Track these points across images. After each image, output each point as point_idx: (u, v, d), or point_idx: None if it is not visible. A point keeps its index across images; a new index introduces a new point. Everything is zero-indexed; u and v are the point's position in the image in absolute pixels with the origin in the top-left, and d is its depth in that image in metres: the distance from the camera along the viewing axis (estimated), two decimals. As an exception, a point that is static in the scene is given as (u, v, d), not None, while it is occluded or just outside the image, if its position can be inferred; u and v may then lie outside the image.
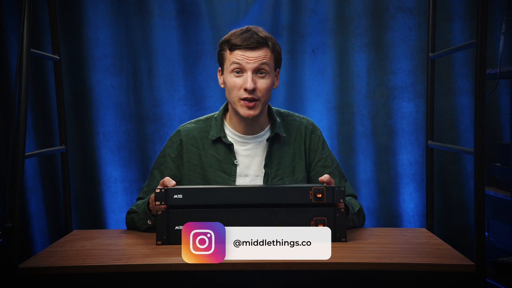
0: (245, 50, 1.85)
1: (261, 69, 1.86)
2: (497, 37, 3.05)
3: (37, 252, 3.03)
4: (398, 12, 3.10)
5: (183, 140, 1.97)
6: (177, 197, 1.62)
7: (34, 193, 3.14)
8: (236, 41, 1.86)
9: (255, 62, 1.85)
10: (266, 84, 1.87)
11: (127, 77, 3.12)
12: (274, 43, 1.90)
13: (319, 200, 1.64)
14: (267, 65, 1.87)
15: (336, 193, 1.64)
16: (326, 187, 1.64)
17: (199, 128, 1.98)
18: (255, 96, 1.85)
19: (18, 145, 1.63)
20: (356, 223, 1.87)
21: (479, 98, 1.54)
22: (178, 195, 1.62)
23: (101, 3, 3.09)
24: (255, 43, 1.85)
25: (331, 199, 1.64)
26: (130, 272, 1.46)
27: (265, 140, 1.96)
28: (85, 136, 3.13)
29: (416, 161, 3.12)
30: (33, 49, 1.77)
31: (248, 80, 1.84)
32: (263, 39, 1.87)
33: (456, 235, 3.13)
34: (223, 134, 1.95)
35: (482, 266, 1.48)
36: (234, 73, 1.86)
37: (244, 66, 1.85)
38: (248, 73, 1.85)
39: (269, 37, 1.89)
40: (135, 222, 1.83)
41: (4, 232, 1.54)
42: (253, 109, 1.86)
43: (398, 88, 3.12)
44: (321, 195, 1.63)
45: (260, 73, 1.86)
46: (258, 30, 1.89)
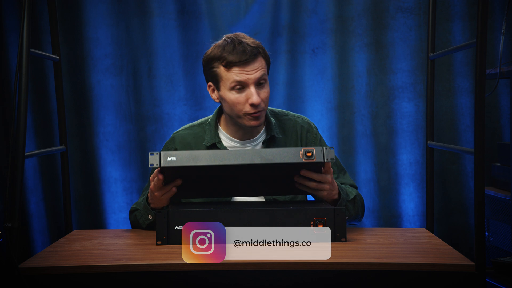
0: (243, 65, 1.80)
1: (261, 80, 1.83)
2: (497, 37, 3.05)
3: (37, 252, 3.03)
4: (398, 12, 3.10)
5: (178, 148, 1.95)
6: (170, 159, 1.62)
7: (34, 193, 3.14)
8: (232, 58, 1.79)
9: (255, 73, 1.80)
10: (267, 93, 1.85)
11: (127, 77, 3.12)
12: (263, 48, 1.86)
13: (309, 159, 1.63)
14: (265, 73, 1.84)
15: (326, 152, 1.64)
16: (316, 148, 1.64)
17: (193, 134, 1.96)
18: (260, 108, 1.82)
19: (18, 145, 1.63)
20: (351, 212, 1.83)
21: (479, 98, 1.54)
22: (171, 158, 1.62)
23: (101, 3, 3.09)
24: (252, 55, 1.80)
25: (321, 158, 1.64)
26: (130, 272, 1.46)
27: (261, 143, 1.94)
28: (85, 136, 3.13)
29: (416, 161, 3.12)
30: (33, 49, 1.77)
31: (254, 95, 1.80)
32: (255, 49, 1.82)
33: (456, 235, 3.13)
34: (218, 139, 1.92)
35: (482, 266, 1.48)
36: (236, 90, 1.82)
37: (246, 81, 1.80)
38: (251, 88, 1.80)
39: (258, 44, 1.85)
40: (138, 219, 1.83)
41: (4, 232, 1.54)
42: (259, 119, 1.84)
43: (398, 88, 3.12)
44: (311, 154, 1.63)
45: (260, 84, 1.83)
46: (246, 40, 1.83)
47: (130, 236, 1.76)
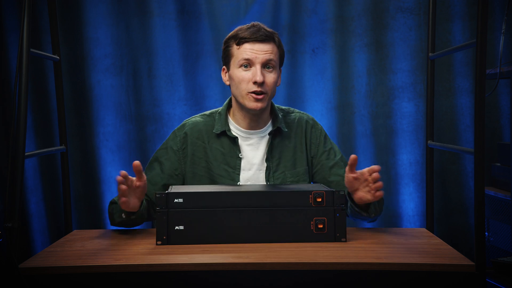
0: (254, 42, 1.87)
1: (268, 63, 1.88)
2: (497, 37, 3.06)
3: (37, 252, 3.03)
4: (398, 12, 3.10)
5: (188, 133, 1.98)
6: (177, 201, 1.62)
7: (34, 193, 3.14)
8: (244, 35, 1.88)
9: (264, 55, 1.87)
10: (274, 78, 1.90)
11: (127, 77, 3.12)
12: (279, 40, 1.94)
13: (319, 205, 1.63)
14: (274, 60, 1.89)
15: (336, 197, 1.64)
16: (326, 191, 1.64)
17: (204, 122, 2.00)
18: (263, 89, 1.87)
19: (18, 145, 1.63)
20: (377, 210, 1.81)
21: (479, 98, 1.54)
22: (178, 199, 1.62)
23: (101, 3, 3.09)
24: (264, 36, 1.87)
25: (331, 203, 1.64)
26: (130, 272, 1.46)
27: (267, 134, 1.98)
28: (85, 136, 3.13)
29: (416, 161, 3.12)
30: (33, 49, 1.77)
31: (258, 73, 1.86)
32: (270, 34, 1.90)
33: (456, 235, 3.13)
34: (228, 128, 1.97)
35: (482, 266, 1.48)
36: (243, 68, 1.88)
37: (253, 59, 1.87)
38: (257, 66, 1.87)
39: (275, 33, 1.93)
40: (113, 213, 1.83)
41: (4, 232, 1.54)
42: (261, 102, 1.88)
43: (398, 88, 3.12)
44: (321, 199, 1.63)
45: (267, 68, 1.89)
46: (264, 26, 1.92)
47: (130, 236, 1.76)
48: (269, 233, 1.62)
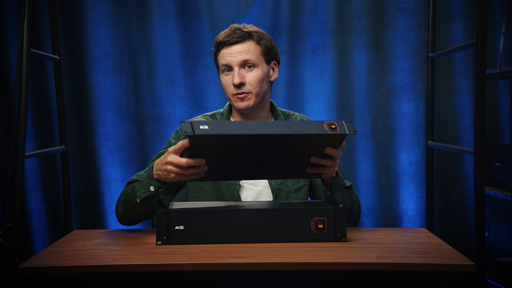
0: (229, 46, 1.89)
1: (247, 62, 1.89)
2: (497, 37, 3.06)
3: (37, 252, 3.04)
4: (398, 12, 3.10)
5: None
6: (203, 128, 1.53)
7: (34, 193, 3.14)
8: (220, 40, 1.91)
9: (239, 56, 1.88)
10: (256, 76, 1.90)
11: (127, 77, 3.12)
12: (260, 36, 1.92)
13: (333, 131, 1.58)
14: (252, 58, 1.89)
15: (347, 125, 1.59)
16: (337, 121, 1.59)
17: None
18: (245, 90, 1.89)
19: (18, 145, 1.63)
20: (346, 200, 1.81)
21: (479, 98, 1.54)
22: (204, 126, 1.53)
23: (101, 3, 3.09)
24: (238, 37, 1.89)
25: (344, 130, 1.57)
26: (130, 272, 1.46)
27: None
28: (85, 136, 3.13)
29: (416, 161, 3.12)
30: (33, 49, 1.77)
31: (235, 75, 1.88)
32: (246, 33, 1.90)
33: (456, 235, 3.13)
34: None
35: (482, 266, 1.48)
36: (225, 72, 1.92)
37: (229, 63, 1.89)
38: (235, 69, 1.89)
39: (255, 31, 1.92)
40: (135, 191, 1.74)
41: (4, 232, 1.54)
42: (246, 100, 1.90)
43: (398, 88, 3.12)
44: (334, 126, 1.60)
45: (248, 67, 1.90)
46: (244, 26, 1.93)
47: (130, 236, 1.76)
48: (269, 233, 1.63)
